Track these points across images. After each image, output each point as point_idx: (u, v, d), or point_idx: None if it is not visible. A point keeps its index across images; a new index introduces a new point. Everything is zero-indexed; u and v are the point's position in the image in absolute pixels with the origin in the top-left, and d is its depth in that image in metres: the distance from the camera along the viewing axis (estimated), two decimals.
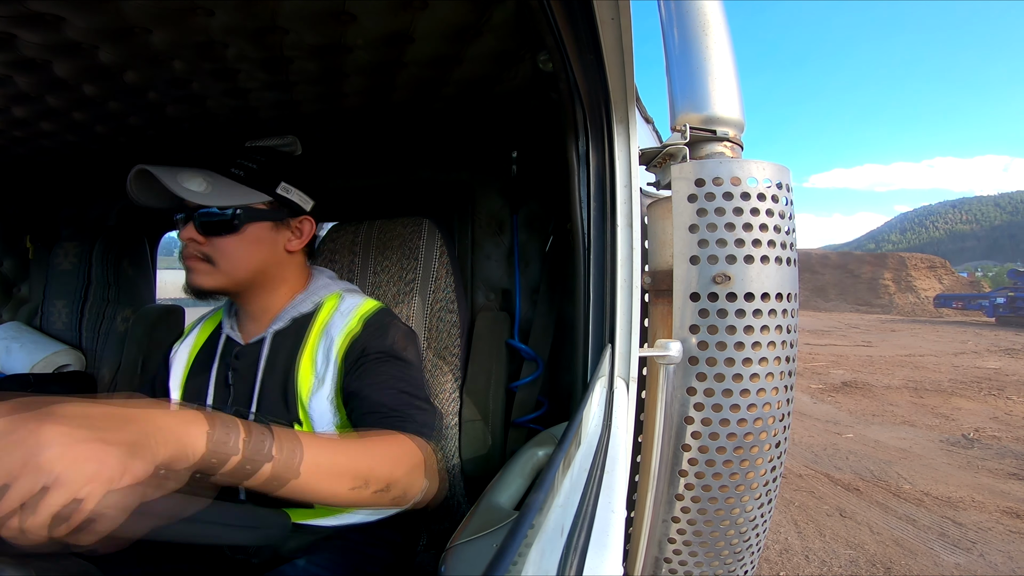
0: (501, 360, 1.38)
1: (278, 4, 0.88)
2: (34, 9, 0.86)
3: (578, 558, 0.39)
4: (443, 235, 1.41)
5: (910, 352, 12.45)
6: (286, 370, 0.98)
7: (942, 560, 2.86)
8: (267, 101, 1.27)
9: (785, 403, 0.92)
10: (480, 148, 1.53)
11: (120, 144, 1.55)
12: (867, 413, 6.51)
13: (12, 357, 1.81)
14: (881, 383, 8.38)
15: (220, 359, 1.04)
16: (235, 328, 1.06)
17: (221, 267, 0.97)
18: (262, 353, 0.99)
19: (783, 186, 0.90)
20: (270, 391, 0.97)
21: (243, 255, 0.98)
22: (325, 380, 0.95)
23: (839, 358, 11.29)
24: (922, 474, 4.26)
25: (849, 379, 8.63)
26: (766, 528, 1.02)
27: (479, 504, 0.72)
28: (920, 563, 2.83)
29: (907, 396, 7.46)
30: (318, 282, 1.08)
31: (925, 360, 11.12)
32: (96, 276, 1.90)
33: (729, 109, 0.94)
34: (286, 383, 0.97)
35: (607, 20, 0.68)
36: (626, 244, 0.92)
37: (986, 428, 5.75)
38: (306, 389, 0.95)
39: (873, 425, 5.92)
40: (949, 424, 5.96)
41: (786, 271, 0.89)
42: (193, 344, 1.11)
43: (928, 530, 3.24)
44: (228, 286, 0.99)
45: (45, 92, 1.19)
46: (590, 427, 0.68)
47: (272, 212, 1.01)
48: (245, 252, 0.99)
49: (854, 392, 7.73)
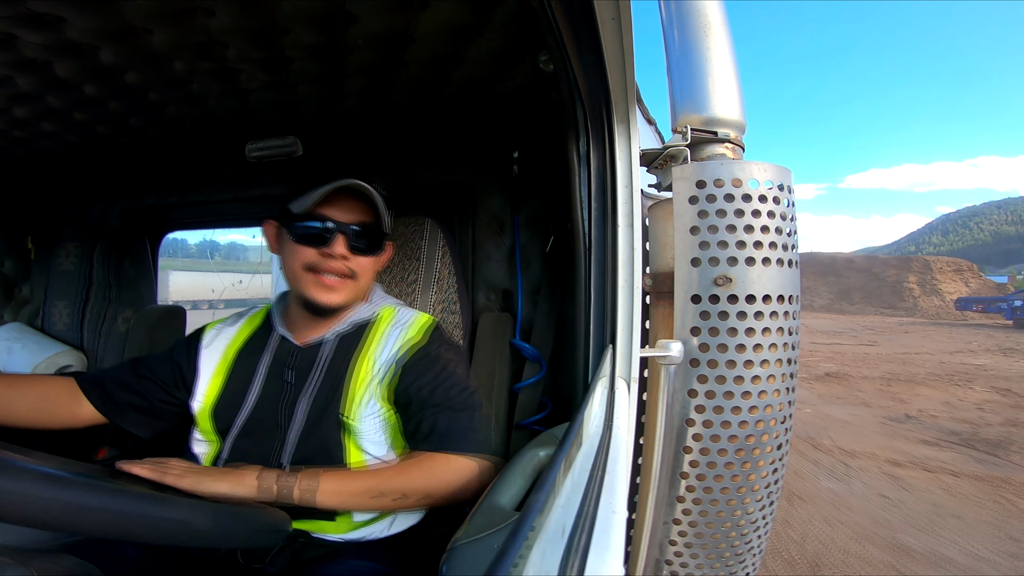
0: (504, 361, 1.38)
1: (278, 5, 0.88)
2: (35, 9, 0.86)
3: (579, 559, 0.39)
4: (445, 235, 1.40)
5: (908, 351, 12.81)
6: (343, 369, 1.01)
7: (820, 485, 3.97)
8: (268, 101, 1.28)
9: (786, 405, 0.92)
10: (481, 148, 1.53)
11: (121, 145, 1.55)
12: (833, 396, 7.20)
13: (14, 358, 1.81)
14: (860, 374, 8.89)
15: (274, 357, 1.05)
16: (287, 328, 1.08)
17: (360, 284, 1.03)
18: (322, 354, 1.03)
19: (784, 188, 0.90)
20: (324, 388, 1.00)
21: (371, 274, 1.06)
22: (378, 377, 0.99)
23: (836, 355, 11.56)
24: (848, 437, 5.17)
25: (833, 371, 9.18)
26: (768, 530, 1.02)
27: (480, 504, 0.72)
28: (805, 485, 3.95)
29: (877, 385, 8.06)
30: (376, 294, 1.13)
31: (918, 357, 11.50)
32: (97, 277, 1.90)
33: (730, 110, 0.94)
34: (341, 381, 1.00)
35: (607, 20, 0.68)
36: (627, 245, 0.92)
37: (931, 410, 6.47)
38: (361, 388, 0.99)
39: (833, 405, 6.69)
40: (901, 406, 6.66)
41: (787, 273, 0.88)
42: (232, 341, 1.11)
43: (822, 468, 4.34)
44: (353, 302, 1.05)
45: (46, 92, 1.19)
46: (591, 428, 0.68)
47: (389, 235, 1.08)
48: (372, 272, 1.06)
49: (831, 381, 8.29)
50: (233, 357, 1.08)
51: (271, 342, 1.07)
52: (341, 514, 0.95)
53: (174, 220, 2.09)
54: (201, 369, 1.07)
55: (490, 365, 1.37)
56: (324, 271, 0.98)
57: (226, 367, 1.07)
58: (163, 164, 1.78)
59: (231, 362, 1.08)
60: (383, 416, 0.99)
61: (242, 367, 1.06)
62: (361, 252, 1.01)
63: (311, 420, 0.98)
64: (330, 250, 0.97)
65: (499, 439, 1.33)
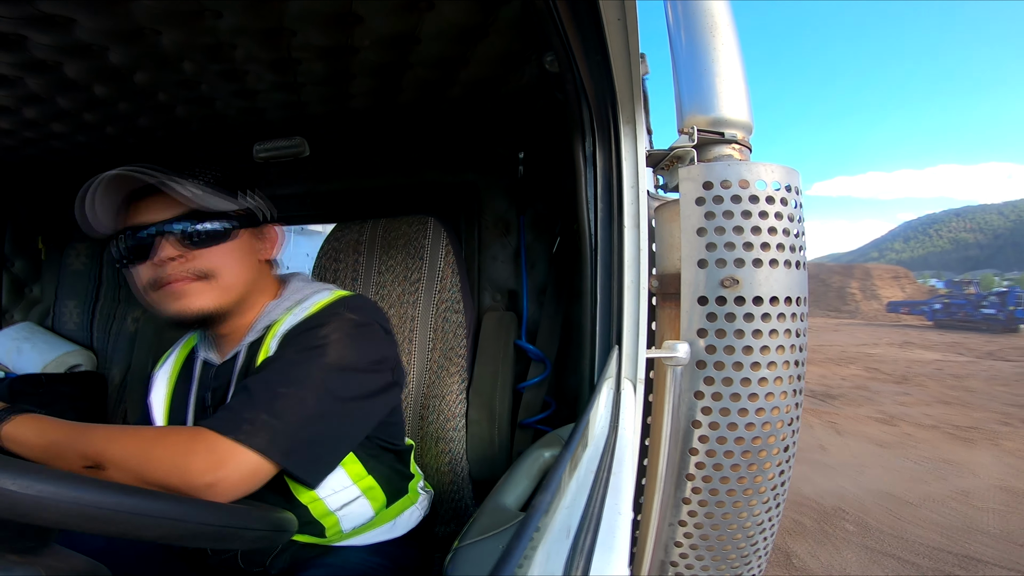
0: (508, 361, 1.38)
1: (285, 6, 0.88)
2: (45, 11, 0.87)
3: (584, 560, 0.39)
4: (449, 234, 1.40)
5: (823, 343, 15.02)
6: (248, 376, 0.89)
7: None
8: (275, 102, 1.28)
9: (794, 407, 0.91)
10: (486, 149, 1.53)
11: (130, 145, 1.56)
12: None
13: (24, 357, 1.83)
14: None
15: (198, 383, 0.97)
16: (210, 350, 0.98)
17: (222, 281, 0.88)
18: (235, 367, 0.91)
19: (792, 189, 0.89)
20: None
21: (240, 265, 0.91)
22: None
23: None
24: None
25: None
26: (774, 532, 1.01)
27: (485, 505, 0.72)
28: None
29: None
30: (291, 287, 0.99)
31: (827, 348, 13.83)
32: (107, 276, 1.92)
33: (737, 111, 0.94)
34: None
35: (613, 21, 0.68)
36: (633, 246, 0.92)
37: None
38: None
39: None
40: None
41: (795, 275, 0.88)
42: (171, 371, 1.04)
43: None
44: (227, 304, 0.89)
45: (56, 93, 1.20)
46: (597, 429, 0.68)
47: (251, 218, 0.94)
48: (241, 261, 0.91)
49: None
50: (171, 390, 1.01)
51: (195, 366, 0.99)
52: (334, 528, 0.91)
53: None
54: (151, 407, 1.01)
55: (494, 364, 1.37)
56: (163, 281, 0.85)
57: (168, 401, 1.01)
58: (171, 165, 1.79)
59: (170, 395, 1.01)
60: None
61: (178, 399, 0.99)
62: (202, 243, 0.86)
63: None
64: (159, 257, 0.84)
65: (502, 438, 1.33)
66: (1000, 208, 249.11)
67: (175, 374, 1.03)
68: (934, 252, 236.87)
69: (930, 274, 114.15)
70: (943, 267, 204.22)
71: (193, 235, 0.86)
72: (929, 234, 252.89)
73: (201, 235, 0.87)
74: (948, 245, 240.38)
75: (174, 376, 1.02)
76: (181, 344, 1.08)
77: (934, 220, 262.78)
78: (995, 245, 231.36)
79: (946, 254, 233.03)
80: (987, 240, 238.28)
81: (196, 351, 1.02)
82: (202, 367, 0.98)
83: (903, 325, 24.83)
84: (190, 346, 1.05)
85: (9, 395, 1.62)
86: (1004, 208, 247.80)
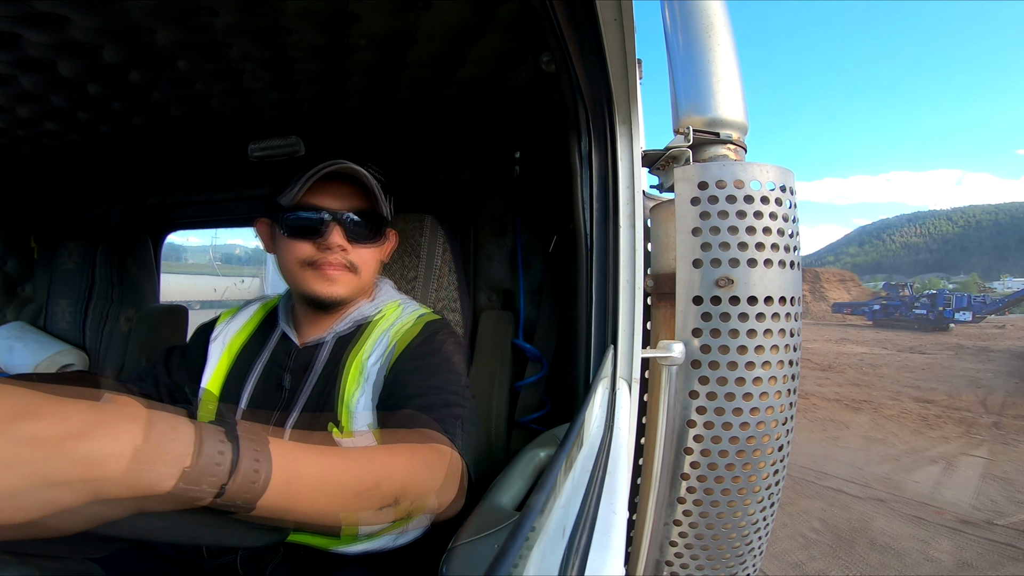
0: (505, 360, 1.38)
1: (281, 4, 0.88)
2: (39, 9, 0.87)
3: (579, 560, 0.39)
4: (445, 232, 1.40)
5: None
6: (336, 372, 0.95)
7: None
8: (270, 101, 1.28)
9: (788, 407, 0.92)
10: (482, 149, 1.53)
11: (124, 144, 1.55)
12: None
13: (16, 356, 1.81)
14: None
15: (271, 356, 1.00)
16: (291, 326, 1.02)
17: (362, 277, 0.96)
18: (320, 356, 0.97)
19: (786, 189, 0.90)
20: (318, 393, 0.94)
21: (375, 265, 0.99)
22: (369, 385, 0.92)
23: None
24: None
25: None
26: (768, 531, 1.02)
27: (481, 505, 0.72)
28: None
29: None
30: (383, 292, 1.06)
31: None
32: (100, 276, 1.90)
33: (733, 111, 0.94)
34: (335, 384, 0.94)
35: (610, 21, 0.68)
36: (628, 245, 0.92)
37: None
38: (353, 394, 0.92)
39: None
40: None
41: (789, 275, 0.88)
42: (239, 331, 1.06)
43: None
44: (356, 295, 0.98)
45: (49, 92, 1.19)
46: (592, 428, 0.68)
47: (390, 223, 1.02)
48: (376, 262, 0.99)
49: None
50: (236, 350, 1.04)
51: (272, 340, 1.03)
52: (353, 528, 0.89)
53: (176, 220, 2.09)
54: (209, 358, 1.03)
55: (491, 364, 1.37)
56: (323, 264, 0.92)
57: (229, 359, 1.03)
58: (166, 163, 1.78)
59: (234, 355, 1.03)
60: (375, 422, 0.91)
61: (242, 361, 1.02)
62: (360, 241, 0.95)
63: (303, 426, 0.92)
64: (327, 241, 0.91)
65: (498, 437, 1.33)
66: (949, 214, 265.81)
67: (246, 335, 1.06)
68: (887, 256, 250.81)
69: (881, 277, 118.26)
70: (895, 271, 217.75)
71: (358, 229, 0.94)
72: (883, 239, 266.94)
73: (364, 232, 0.95)
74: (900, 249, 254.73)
75: (244, 336, 1.05)
76: (255, 307, 1.11)
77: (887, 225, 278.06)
78: (943, 249, 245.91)
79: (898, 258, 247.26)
80: (936, 245, 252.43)
81: (275, 320, 1.05)
82: (279, 340, 1.02)
83: (846, 324, 27.41)
84: (264, 312, 1.09)
85: None
86: (952, 214, 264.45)
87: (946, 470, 5.02)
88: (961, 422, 6.82)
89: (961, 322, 22.86)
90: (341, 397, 0.92)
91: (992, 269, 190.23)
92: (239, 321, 1.09)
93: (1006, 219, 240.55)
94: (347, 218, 0.93)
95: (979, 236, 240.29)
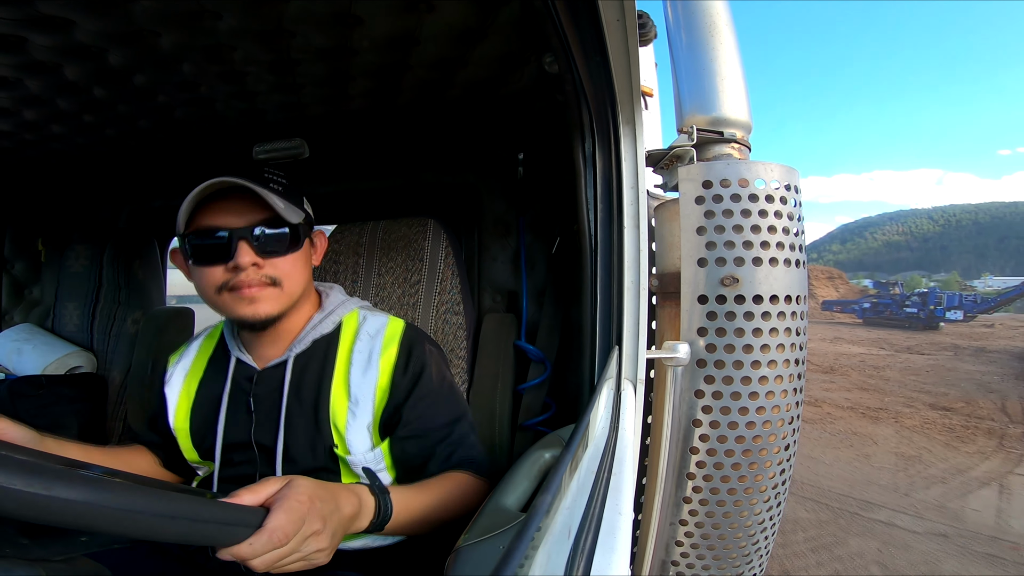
0: (508, 362, 1.38)
1: (285, 7, 0.88)
2: (44, 12, 0.87)
3: (585, 560, 0.39)
4: (448, 236, 1.40)
5: None
6: (316, 395, 0.94)
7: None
8: (274, 103, 1.28)
9: (794, 406, 0.91)
10: (486, 150, 1.53)
11: (130, 147, 1.56)
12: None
13: (24, 359, 1.82)
14: None
15: (232, 384, 0.98)
16: (244, 351, 1.00)
17: (286, 289, 0.91)
18: (285, 377, 0.95)
19: (791, 187, 0.90)
20: (298, 416, 0.94)
21: (301, 274, 0.94)
22: (361, 407, 0.93)
23: None
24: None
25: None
26: (775, 531, 1.01)
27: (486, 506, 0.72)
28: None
29: None
30: (332, 299, 1.03)
31: None
32: (107, 278, 1.91)
33: (737, 110, 0.94)
34: (317, 408, 0.93)
35: (612, 21, 0.68)
36: (633, 246, 0.92)
37: None
38: (341, 415, 0.93)
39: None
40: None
41: (795, 273, 0.88)
42: (192, 367, 1.05)
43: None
44: (288, 308, 0.93)
45: (55, 95, 1.20)
46: (597, 429, 0.68)
47: (310, 226, 0.99)
48: (301, 270, 0.94)
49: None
50: (195, 387, 1.03)
51: (229, 367, 1.00)
52: None
53: None
54: (168, 403, 1.03)
55: (494, 366, 1.37)
56: (239, 286, 0.87)
57: (189, 398, 1.02)
58: (171, 166, 1.79)
59: (194, 393, 1.03)
60: (377, 447, 0.95)
61: (205, 397, 1.01)
62: (274, 254, 0.89)
63: (298, 453, 0.93)
64: (236, 261, 0.86)
65: (502, 440, 1.33)
66: (930, 213, 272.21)
67: (201, 369, 1.04)
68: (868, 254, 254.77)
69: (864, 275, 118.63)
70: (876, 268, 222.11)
71: (269, 242, 0.89)
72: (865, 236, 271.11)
73: (276, 243, 0.90)
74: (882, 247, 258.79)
75: (199, 371, 1.04)
76: (201, 339, 1.09)
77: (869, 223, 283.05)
78: (924, 248, 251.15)
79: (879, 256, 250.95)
80: (917, 243, 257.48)
81: (225, 349, 1.02)
82: (236, 367, 0.99)
83: (836, 322, 27.06)
84: (213, 342, 1.07)
85: (9, 396, 1.62)
86: (933, 213, 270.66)
87: (1002, 494, 4.47)
88: (991, 434, 6.36)
89: (952, 321, 22.89)
90: (331, 423, 0.93)
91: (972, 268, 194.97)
92: (188, 359, 1.07)
93: (986, 219, 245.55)
94: (251, 232, 0.88)
95: (959, 235, 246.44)
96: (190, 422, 1.01)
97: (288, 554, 0.61)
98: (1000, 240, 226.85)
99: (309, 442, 0.93)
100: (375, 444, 0.94)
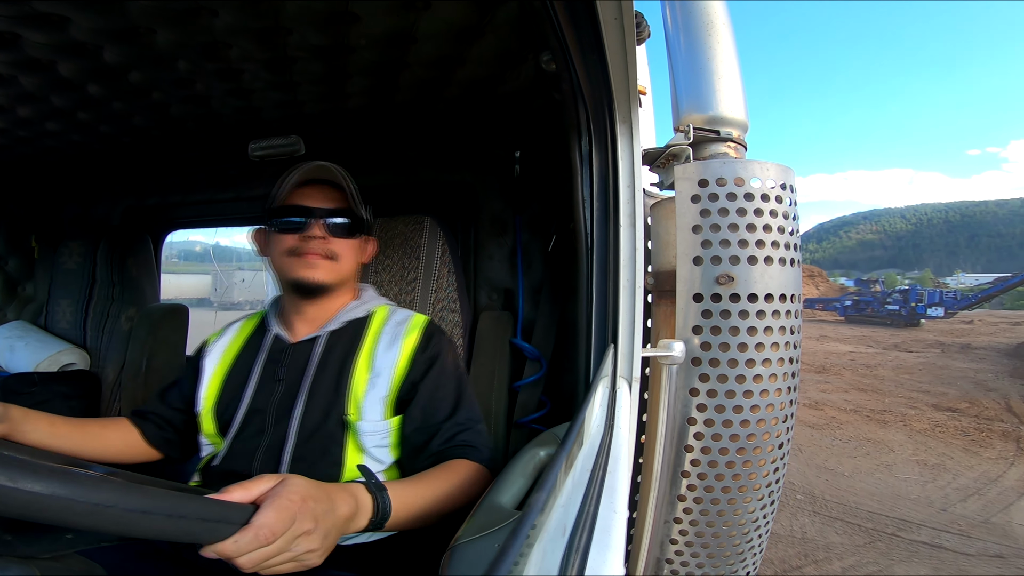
0: (504, 360, 1.38)
1: (282, 5, 0.88)
2: (39, 9, 0.87)
3: (580, 558, 0.39)
4: (445, 233, 1.40)
5: None
6: (341, 367, 1.04)
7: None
8: (271, 101, 1.28)
9: (788, 404, 0.92)
10: (483, 148, 1.53)
11: (124, 144, 1.55)
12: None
13: (16, 355, 1.81)
14: None
15: (268, 356, 1.09)
16: (283, 328, 1.12)
17: (343, 267, 1.08)
18: (315, 350, 1.06)
19: (786, 187, 0.90)
20: (321, 385, 1.03)
21: (353, 258, 1.11)
22: (380, 380, 1.02)
23: None
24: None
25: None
26: (768, 529, 1.02)
27: (481, 504, 0.72)
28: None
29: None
30: (367, 294, 1.18)
31: None
32: (100, 275, 1.91)
33: (733, 109, 0.94)
34: (340, 379, 1.03)
35: (610, 20, 0.68)
36: (629, 244, 0.92)
37: None
38: (361, 384, 1.02)
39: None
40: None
41: (789, 272, 0.88)
42: (230, 344, 1.15)
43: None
44: (337, 283, 1.09)
45: (50, 92, 1.19)
46: (592, 427, 0.68)
47: (367, 227, 1.15)
48: (354, 256, 1.12)
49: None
50: (231, 360, 1.12)
51: (266, 341, 1.11)
52: None
53: (177, 219, 2.09)
54: (203, 375, 1.11)
55: (490, 363, 1.37)
56: (305, 252, 1.04)
57: (224, 370, 1.11)
58: (166, 163, 1.78)
59: (228, 365, 1.11)
60: (387, 420, 1.01)
61: (238, 368, 1.10)
62: (339, 234, 1.07)
63: (312, 418, 0.99)
64: (308, 233, 1.04)
65: (497, 437, 1.33)
66: (903, 212, 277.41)
67: (238, 345, 1.14)
68: (844, 252, 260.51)
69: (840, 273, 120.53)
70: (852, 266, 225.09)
71: (337, 226, 1.07)
72: (840, 235, 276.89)
73: (342, 227, 1.08)
74: (856, 246, 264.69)
75: (236, 346, 1.14)
76: (241, 322, 1.21)
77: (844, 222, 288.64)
78: (897, 246, 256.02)
79: (854, 254, 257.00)
80: (891, 242, 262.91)
81: (264, 328, 1.15)
82: (273, 341, 1.11)
83: (818, 320, 26.99)
84: (254, 323, 1.19)
85: (2, 394, 1.61)
86: (906, 212, 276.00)
87: None
88: (1006, 436, 6.02)
89: (932, 318, 22.96)
90: (351, 394, 1.01)
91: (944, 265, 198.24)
92: (228, 337, 1.17)
93: (956, 217, 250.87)
94: (326, 212, 1.06)
95: (931, 233, 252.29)
96: (219, 393, 1.08)
97: (276, 553, 0.60)
98: (971, 238, 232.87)
99: (325, 408, 1.00)
100: (386, 416, 1.01)
